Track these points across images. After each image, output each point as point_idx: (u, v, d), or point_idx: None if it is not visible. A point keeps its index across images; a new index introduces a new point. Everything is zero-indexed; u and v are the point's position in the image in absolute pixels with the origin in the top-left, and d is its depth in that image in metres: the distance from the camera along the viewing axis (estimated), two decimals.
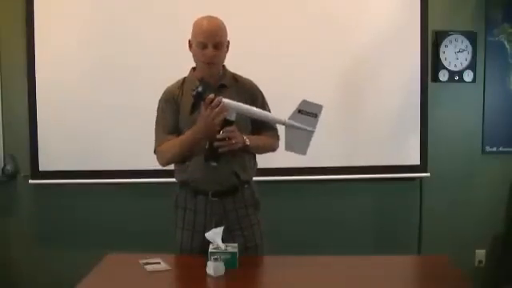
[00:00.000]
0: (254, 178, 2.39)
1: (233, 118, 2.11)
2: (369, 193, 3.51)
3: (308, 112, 2.12)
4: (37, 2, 3.28)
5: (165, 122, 2.30)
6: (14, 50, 3.35)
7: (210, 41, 2.18)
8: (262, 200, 2.40)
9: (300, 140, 2.15)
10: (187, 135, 2.21)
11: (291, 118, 2.13)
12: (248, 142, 2.20)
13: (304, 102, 2.12)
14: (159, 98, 2.34)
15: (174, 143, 2.25)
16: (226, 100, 2.09)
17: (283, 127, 2.20)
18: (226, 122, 2.10)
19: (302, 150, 2.17)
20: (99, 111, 3.30)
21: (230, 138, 2.10)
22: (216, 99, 2.07)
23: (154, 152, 2.33)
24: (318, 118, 2.13)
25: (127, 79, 3.28)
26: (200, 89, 2.08)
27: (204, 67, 2.23)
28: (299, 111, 2.12)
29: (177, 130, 2.28)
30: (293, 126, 2.13)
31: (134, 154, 3.16)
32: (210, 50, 2.18)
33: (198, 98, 2.09)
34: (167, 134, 2.28)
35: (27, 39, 3.30)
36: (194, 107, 2.16)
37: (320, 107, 2.12)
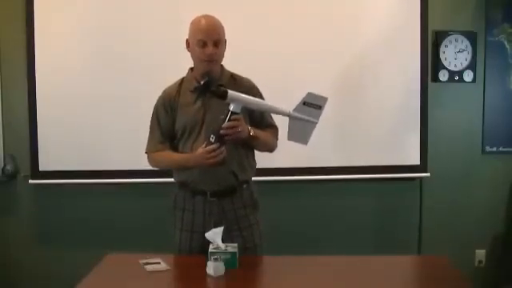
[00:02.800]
0: (254, 178, 2.40)
1: (238, 110, 2.11)
2: (369, 193, 3.50)
3: (313, 104, 2.13)
4: (37, 2, 3.28)
5: (160, 126, 2.33)
6: (14, 50, 3.35)
7: (210, 38, 2.19)
8: (261, 200, 2.39)
9: (303, 130, 2.16)
10: (181, 159, 2.27)
11: (296, 109, 2.14)
12: (253, 133, 2.20)
13: (309, 95, 2.13)
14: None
15: (169, 158, 2.31)
16: (231, 92, 2.09)
17: (284, 123, 2.20)
18: (231, 114, 2.10)
19: (303, 140, 2.18)
20: (99, 111, 3.31)
21: (235, 127, 2.10)
22: (218, 149, 2.09)
23: (145, 152, 2.37)
24: (322, 109, 2.13)
25: (128, 81, 3.27)
26: (207, 79, 2.10)
27: (204, 65, 2.23)
28: (304, 103, 2.13)
29: (170, 134, 2.31)
30: (297, 118, 2.14)
31: (134, 154, 3.14)
32: (210, 48, 2.19)
33: (205, 89, 2.10)
34: (159, 139, 2.32)
35: (27, 39, 3.30)
36: (198, 97, 2.17)
37: (325, 99, 2.13)
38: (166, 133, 2.32)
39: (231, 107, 2.09)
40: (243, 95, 2.13)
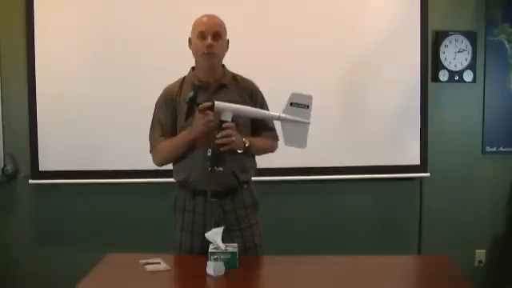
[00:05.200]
0: (254, 178, 2.40)
1: (228, 118, 2.13)
2: (369, 193, 3.51)
3: (299, 104, 2.15)
4: (37, 2, 3.27)
5: (161, 123, 2.32)
6: (14, 50, 3.35)
7: (209, 30, 2.21)
8: (261, 200, 2.40)
9: (297, 133, 2.18)
10: (184, 135, 2.23)
11: (284, 111, 2.16)
12: (248, 144, 2.22)
13: (294, 95, 2.15)
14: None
15: (171, 142, 2.28)
16: (219, 102, 2.11)
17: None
18: (222, 123, 2.13)
19: (301, 143, 2.19)
20: (100, 111, 3.30)
21: (229, 135, 2.12)
22: (208, 104, 2.10)
23: (150, 152, 2.35)
24: (310, 108, 2.15)
25: (128, 81, 3.27)
26: (192, 94, 2.13)
27: (203, 60, 2.24)
28: (291, 104, 2.15)
29: (173, 131, 2.30)
30: (287, 120, 2.16)
31: (134, 154, 3.15)
32: (209, 39, 2.20)
33: (192, 104, 2.13)
34: (163, 135, 2.31)
35: (27, 39, 3.29)
36: (188, 113, 2.18)
37: (310, 98, 2.15)
38: (169, 129, 2.30)
39: (221, 117, 2.12)
40: (231, 104, 2.15)
